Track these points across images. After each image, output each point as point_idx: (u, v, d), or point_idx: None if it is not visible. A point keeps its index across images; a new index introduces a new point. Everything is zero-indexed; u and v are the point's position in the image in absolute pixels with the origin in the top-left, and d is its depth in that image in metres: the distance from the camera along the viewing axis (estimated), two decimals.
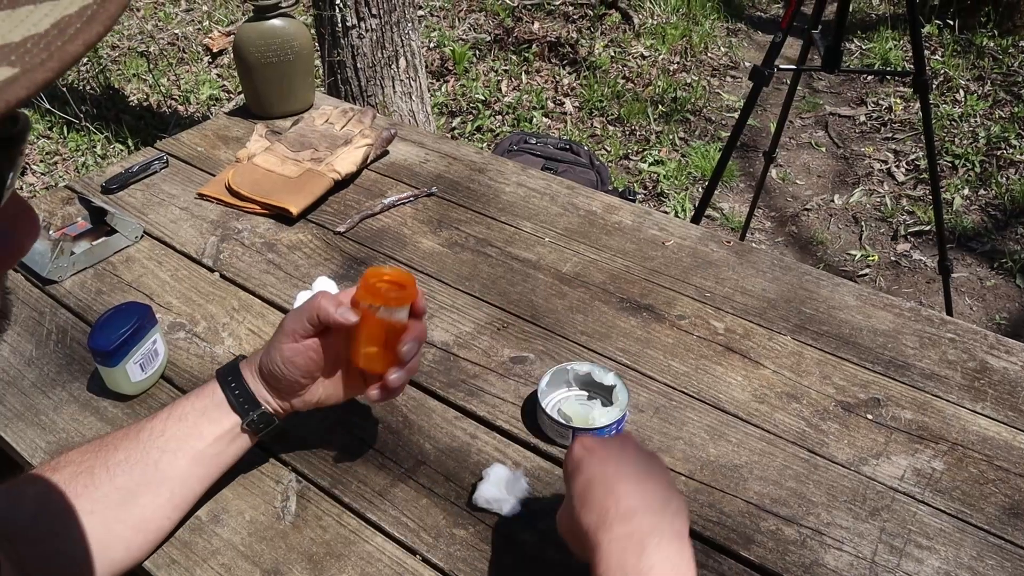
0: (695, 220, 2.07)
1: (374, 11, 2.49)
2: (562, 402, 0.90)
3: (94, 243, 1.13)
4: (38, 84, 0.25)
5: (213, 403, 0.76)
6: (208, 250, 1.16)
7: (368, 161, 1.33)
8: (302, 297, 1.04)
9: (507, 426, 0.89)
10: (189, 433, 0.75)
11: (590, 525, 0.61)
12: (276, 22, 1.36)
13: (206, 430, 0.75)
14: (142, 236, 1.19)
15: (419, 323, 0.76)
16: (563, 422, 0.84)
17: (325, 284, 1.05)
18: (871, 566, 0.75)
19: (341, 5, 2.45)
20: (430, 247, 1.16)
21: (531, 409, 0.90)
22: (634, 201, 1.82)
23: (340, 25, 2.49)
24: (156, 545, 0.76)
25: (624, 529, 0.59)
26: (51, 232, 1.10)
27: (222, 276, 1.11)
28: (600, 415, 0.85)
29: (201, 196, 1.27)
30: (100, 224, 1.16)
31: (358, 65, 2.57)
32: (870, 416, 0.90)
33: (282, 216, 1.21)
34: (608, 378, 0.88)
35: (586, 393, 0.92)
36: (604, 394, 0.90)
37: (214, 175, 1.32)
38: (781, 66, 1.80)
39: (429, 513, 0.80)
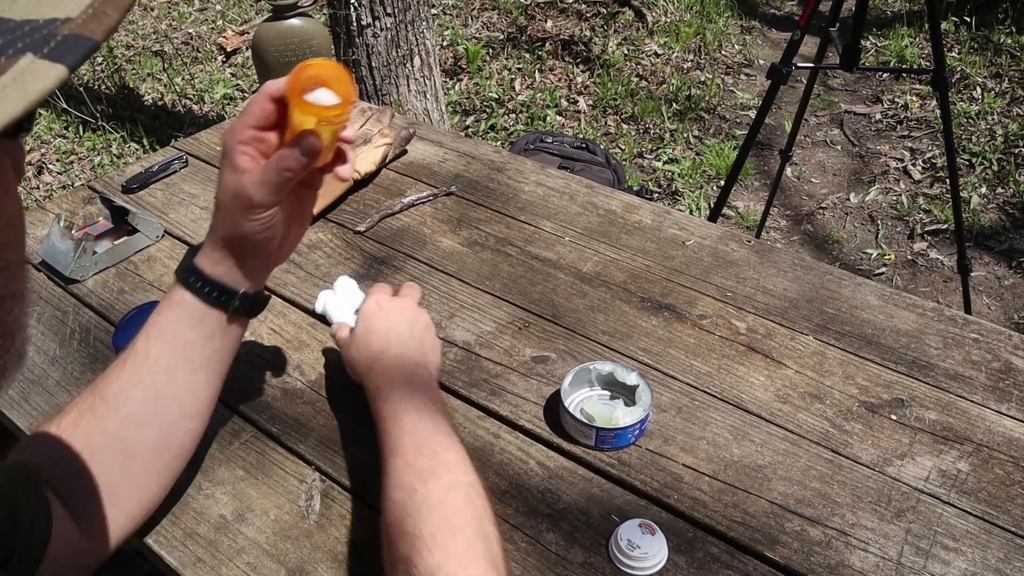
0: (712, 219, 2.06)
1: (389, 10, 2.50)
2: (585, 402, 0.90)
3: (116, 242, 1.14)
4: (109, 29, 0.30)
5: (187, 310, 0.71)
6: None
7: (387, 160, 1.34)
8: (323, 297, 1.04)
9: (530, 425, 0.89)
10: (173, 346, 0.71)
11: (367, 375, 0.83)
12: (294, 22, 1.36)
13: (191, 336, 0.71)
14: (163, 235, 1.19)
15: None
16: (586, 422, 0.84)
17: (346, 283, 1.05)
18: (897, 567, 0.74)
19: (356, 4, 2.45)
20: (450, 246, 1.16)
21: (554, 408, 0.90)
22: (651, 200, 1.81)
23: (355, 24, 2.50)
24: (184, 460, 0.76)
25: (386, 397, 0.78)
26: (73, 231, 1.10)
27: None
28: (623, 415, 0.85)
29: None
30: (121, 223, 1.17)
31: (373, 64, 2.58)
32: (894, 417, 0.89)
33: None
34: (631, 378, 0.88)
35: (608, 393, 0.92)
36: (627, 394, 0.90)
37: None
38: (799, 64, 1.79)
39: None
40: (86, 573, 0.70)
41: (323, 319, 1.03)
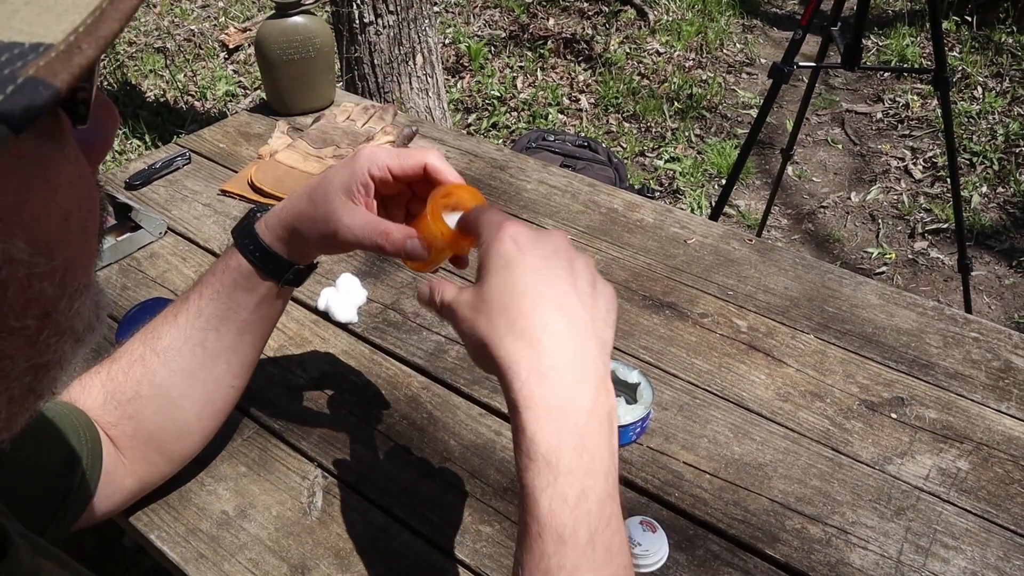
0: (713, 217, 2.07)
1: (391, 7, 2.50)
2: None
3: (119, 239, 1.14)
4: (127, 13, 0.25)
5: (241, 275, 0.72)
6: None
7: None
8: (326, 294, 1.04)
9: None
10: (227, 308, 0.73)
11: (501, 356, 0.54)
12: (298, 19, 1.36)
13: (243, 300, 0.73)
14: (166, 232, 1.19)
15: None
16: None
17: (349, 281, 1.06)
18: (897, 565, 0.75)
19: (359, 2, 2.46)
20: None
21: None
22: (653, 199, 1.82)
23: (358, 21, 2.50)
24: (226, 413, 0.78)
25: (540, 389, 0.53)
26: None
27: None
28: (624, 413, 0.85)
29: (224, 192, 1.28)
30: (124, 220, 1.17)
31: (375, 61, 2.58)
32: (894, 415, 0.90)
33: None
34: (632, 376, 0.89)
35: None
36: (628, 392, 0.90)
37: (236, 172, 1.33)
38: (800, 63, 1.79)
39: (455, 510, 0.80)
40: (125, 507, 0.77)
41: (326, 316, 1.03)
